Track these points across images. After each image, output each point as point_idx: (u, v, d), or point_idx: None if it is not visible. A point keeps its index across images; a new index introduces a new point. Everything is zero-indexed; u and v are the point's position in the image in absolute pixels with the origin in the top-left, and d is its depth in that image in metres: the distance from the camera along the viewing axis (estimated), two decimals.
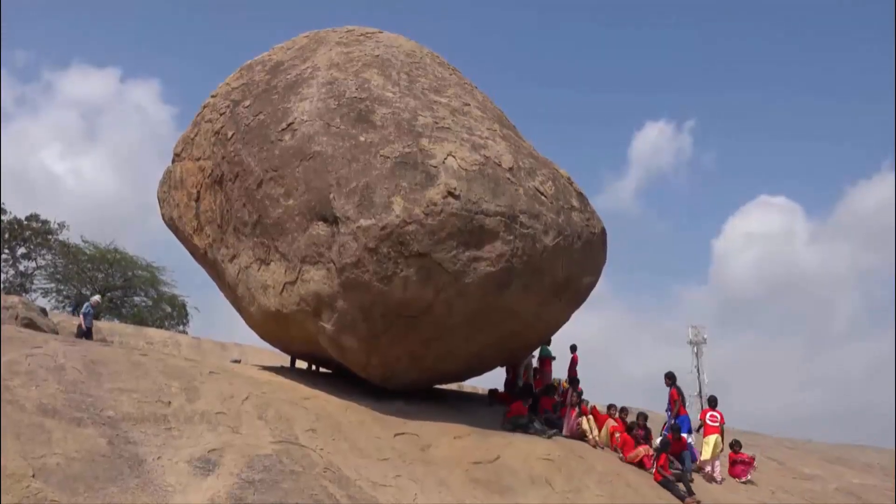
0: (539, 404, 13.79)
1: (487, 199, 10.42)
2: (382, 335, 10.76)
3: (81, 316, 22.07)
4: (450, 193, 10.17)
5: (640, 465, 12.36)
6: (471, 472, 9.96)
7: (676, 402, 14.45)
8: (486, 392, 16.07)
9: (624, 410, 14.41)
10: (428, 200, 10.07)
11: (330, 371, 13.67)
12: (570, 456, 11.31)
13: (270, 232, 11.36)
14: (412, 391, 12.15)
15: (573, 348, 18.17)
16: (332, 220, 10.44)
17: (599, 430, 13.16)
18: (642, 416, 13.99)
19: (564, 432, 12.78)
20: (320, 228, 10.58)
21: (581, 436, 12.83)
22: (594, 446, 12.50)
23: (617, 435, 13.03)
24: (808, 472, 16.70)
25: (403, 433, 10.50)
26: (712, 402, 14.63)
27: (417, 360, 11.32)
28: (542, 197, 11.24)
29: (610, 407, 14.44)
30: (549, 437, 12.26)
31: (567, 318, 12.89)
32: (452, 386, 16.92)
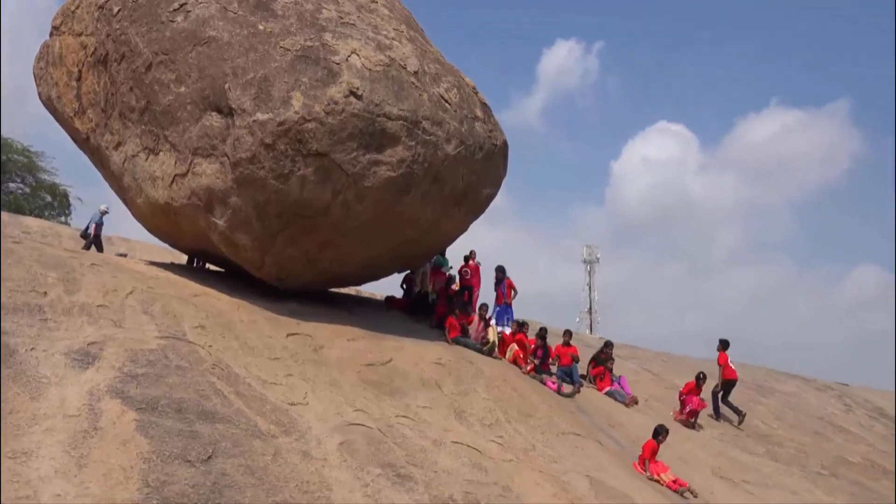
0: (435, 313, 14.10)
1: (390, 102, 10.16)
2: (278, 235, 10.53)
3: (94, 225, 20.72)
4: (352, 93, 9.84)
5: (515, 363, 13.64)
6: (363, 373, 10.11)
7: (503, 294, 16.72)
8: (383, 298, 16.27)
9: (524, 325, 14.99)
10: (329, 98, 9.71)
11: (222, 270, 13.34)
12: (461, 361, 11.69)
13: (160, 120, 10.70)
14: (307, 293, 12.08)
15: (471, 255, 18.73)
16: (227, 112, 9.93)
17: (504, 350, 13.89)
18: (543, 330, 14.87)
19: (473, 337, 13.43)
20: (214, 120, 10.05)
21: (489, 350, 13.32)
22: (497, 359, 13.08)
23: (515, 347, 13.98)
24: (678, 383, 18.02)
25: (296, 334, 10.47)
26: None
27: (313, 262, 11.20)
28: (447, 104, 11.08)
29: (522, 325, 15.05)
30: (486, 352, 13.04)
31: (465, 229, 13.02)
32: (351, 291, 16.97)
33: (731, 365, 15.10)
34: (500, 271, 16.94)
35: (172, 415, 6.86)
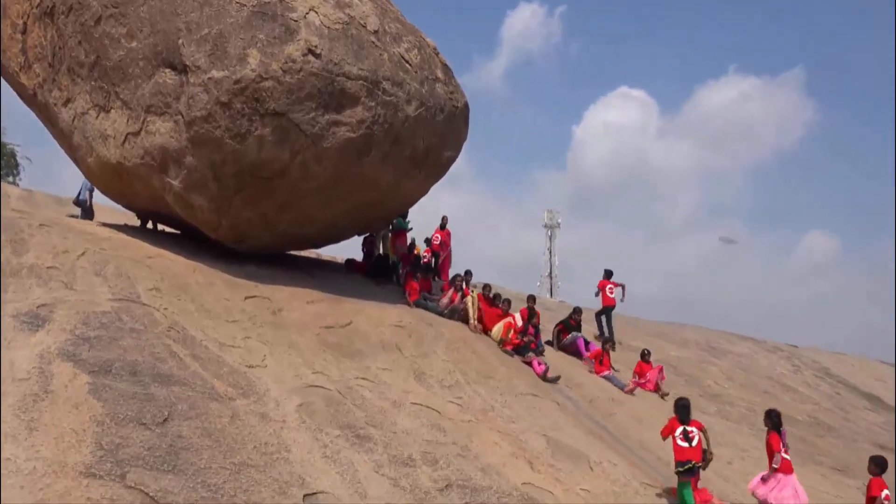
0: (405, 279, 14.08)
1: (350, 62, 9.96)
2: (234, 196, 10.33)
3: (88, 192, 19.77)
4: (310, 51, 9.61)
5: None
6: (322, 336, 10.08)
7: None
8: (343, 261, 16.17)
9: (486, 287, 15.00)
10: (286, 56, 9.47)
11: (178, 232, 13.09)
12: (421, 323, 11.73)
13: (111, 76, 10.34)
14: (266, 255, 11.93)
15: (443, 221, 18.98)
16: (181, 69, 9.63)
17: (484, 322, 13.22)
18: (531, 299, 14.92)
19: (442, 305, 13.10)
20: (167, 76, 9.75)
21: (463, 317, 13.08)
22: (473, 331, 12.77)
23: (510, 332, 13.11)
24: (633, 345, 18.42)
25: (254, 296, 10.37)
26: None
27: (271, 224, 11.04)
28: (407, 65, 10.91)
29: (485, 286, 15.04)
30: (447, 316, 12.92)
31: (426, 191, 12.95)
32: (311, 253, 16.83)
33: (608, 293, 16.65)
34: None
35: (127, 377, 6.77)
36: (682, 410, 9.11)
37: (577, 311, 15.87)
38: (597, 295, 17.06)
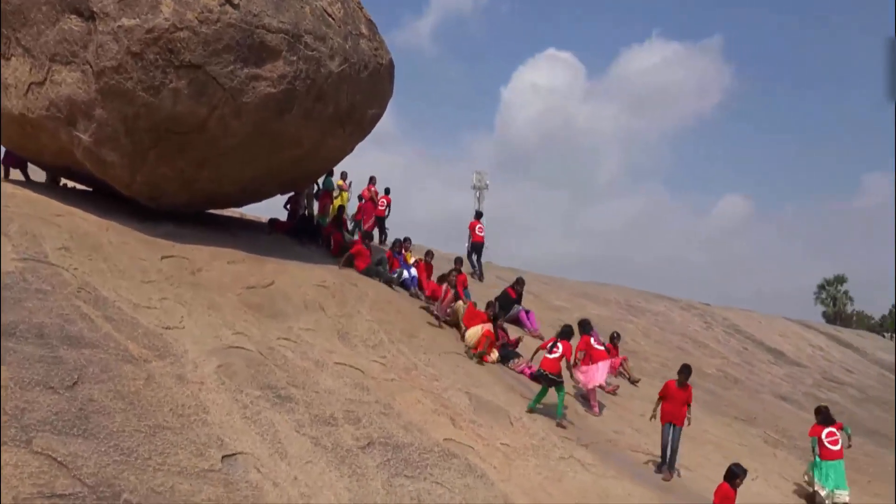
0: (331, 239, 13.88)
1: (270, 14, 9.61)
2: (149, 151, 9.92)
3: None
4: (227, 1, 9.22)
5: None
6: (244, 296, 9.91)
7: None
8: (266, 220, 15.85)
9: (429, 254, 14.78)
10: (202, 6, 9.06)
11: (90, 189, 12.51)
12: (345, 283, 11.66)
13: (10, 20, 9.67)
14: (184, 214, 11.56)
15: (387, 191, 19.07)
16: (88, 16, 9.10)
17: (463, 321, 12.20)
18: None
19: (436, 312, 12.21)
20: (73, 23, 9.19)
21: (455, 322, 12.30)
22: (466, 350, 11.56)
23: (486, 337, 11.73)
24: (557, 304, 18.89)
25: (172, 256, 10.07)
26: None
27: (189, 182, 10.67)
28: (330, 19, 10.61)
29: (428, 253, 14.81)
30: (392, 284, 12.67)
31: (350, 150, 12.75)
32: (234, 213, 16.42)
33: (478, 232, 17.92)
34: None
35: (33, 340, 6.49)
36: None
37: (519, 283, 15.63)
38: (468, 237, 18.27)
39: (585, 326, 12.41)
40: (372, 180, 18.89)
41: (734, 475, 8.00)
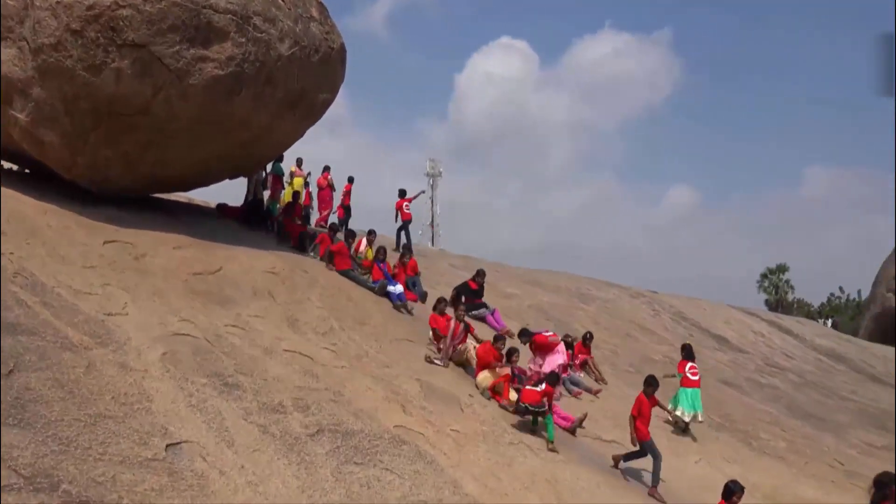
0: (287, 229, 13.66)
1: None
2: (91, 133, 9.61)
3: None
4: None
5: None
6: (190, 283, 9.70)
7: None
8: (215, 206, 15.55)
9: (372, 233, 14.38)
10: None
11: (27, 171, 12.06)
12: (295, 270, 11.52)
13: None
14: (129, 198, 11.24)
15: (350, 179, 19.04)
16: None
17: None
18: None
19: (442, 355, 10.55)
20: None
21: (464, 361, 10.74)
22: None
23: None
24: (508, 291, 18.97)
25: (115, 241, 9.79)
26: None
27: (133, 164, 10.37)
28: (280, 1, 10.41)
29: (370, 231, 14.40)
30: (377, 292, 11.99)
31: (301, 135, 12.58)
32: (182, 197, 16.05)
33: (405, 209, 18.62)
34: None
35: None
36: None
37: (480, 274, 14.88)
38: (397, 215, 18.76)
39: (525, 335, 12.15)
40: (326, 169, 18.92)
41: (731, 492, 7.47)
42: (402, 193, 18.86)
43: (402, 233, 18.79)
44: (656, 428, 11.24)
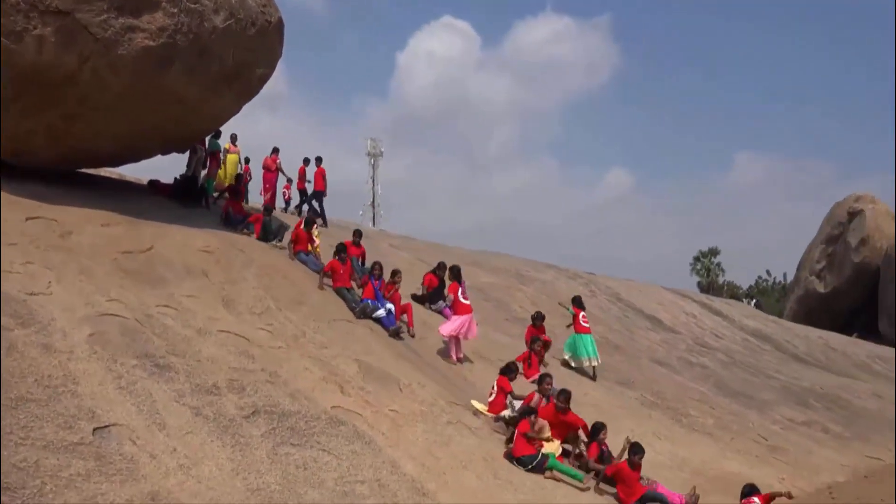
0: (226, 208, 13.25)
1: None
2: (12, 104, 9.16)
3: None
4: None
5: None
6: (120, 261, 9.39)
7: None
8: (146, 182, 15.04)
9: (396, 274, 12.39)
10: None
11: None
12: (231, 249, 11.27)
13: None
14: (54, 173, 10.77)
15: (318, 160, 18.75)
16: None
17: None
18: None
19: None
20: None
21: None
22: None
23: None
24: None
25: (38, 217, 9.39)
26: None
27: (58, 138, 9.93)
28: None
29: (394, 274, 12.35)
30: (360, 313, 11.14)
31: (237, 110, 12.25)
32: (113, 173, 15.48)
33: (321, 178, 18.79)
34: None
35: None
36: None
37: (440, 268, 14.26)
38: (308, 181, 18.95)
39: (456, 273, 12.74)
40: (275, 151, 18.43)
41: (597, 430, 9.22)
42: (307, 162, 18.90)
43: (314, 202, 18.79)
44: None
